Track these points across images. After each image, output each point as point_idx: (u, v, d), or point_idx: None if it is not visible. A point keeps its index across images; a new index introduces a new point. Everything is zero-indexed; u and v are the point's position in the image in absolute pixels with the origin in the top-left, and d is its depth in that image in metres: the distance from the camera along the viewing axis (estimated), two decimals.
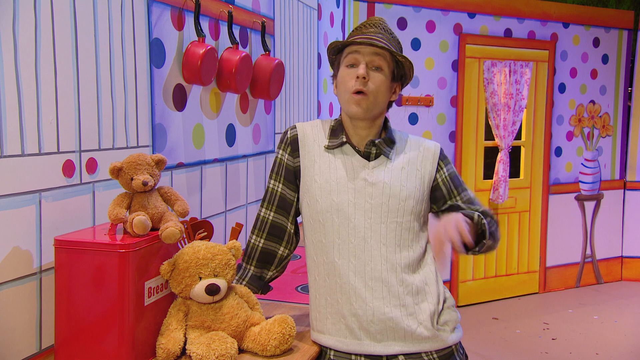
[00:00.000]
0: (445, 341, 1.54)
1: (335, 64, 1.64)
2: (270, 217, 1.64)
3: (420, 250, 1.58)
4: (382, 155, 1.58)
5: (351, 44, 1.56)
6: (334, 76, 1.64)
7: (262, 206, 1.67)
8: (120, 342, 1.35)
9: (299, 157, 1.61)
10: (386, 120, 1.65)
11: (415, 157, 1.61)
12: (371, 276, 1.50)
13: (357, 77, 1.52)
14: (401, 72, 1.59)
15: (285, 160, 1.63)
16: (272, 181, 1.65)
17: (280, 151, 1.65)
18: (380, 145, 1.58)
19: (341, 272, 1.52)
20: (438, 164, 1.63)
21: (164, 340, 1.41)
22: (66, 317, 1.37)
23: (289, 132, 1.65)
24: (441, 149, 1.67)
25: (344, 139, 1.58)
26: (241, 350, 1.48)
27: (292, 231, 1.66)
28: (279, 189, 1.64)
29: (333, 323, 1.53)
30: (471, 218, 1.55)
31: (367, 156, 1.58)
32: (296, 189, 1.63)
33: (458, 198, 1.64)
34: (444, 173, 1.64)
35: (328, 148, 1.59)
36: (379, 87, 1.54)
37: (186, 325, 1.45)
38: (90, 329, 1.36)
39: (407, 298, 1.51)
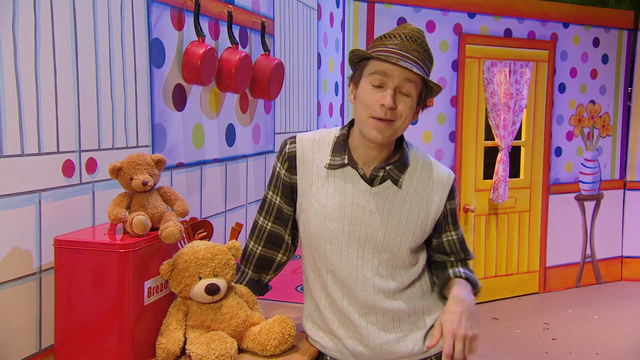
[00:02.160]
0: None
1: (357, 70, 1.46)
2: (268, 227, 1.59)
3: (416, 271, 1.53)
4: (388, 180, 1.46)
5: (380, 59, 1.38)
6: (354, 83, 1.47)
7: (259, 214, 1.61)
8: (120, 342, 1.35)
9: (296, 175, 1.52)
10: (401, 137, 1.52)
11: (424, 188, 1.49)
12: (364, 304, 1.47)
13: (383, 105, 1.37)
14: (428, 96, 1.45)
15: (283, 176, 1.54)
16: (270, 192, 1.58)
17: (279, 164, 1.55)
18: (390, 171, 1.46)
19: (335, 297, 1.49)
20: (447, 197, 1.52)
21: (163, 340, 1.41)
22: (66, 317, 1.37)
23: (287, 147, 1.53)
24: (454, 180, 1.54)
25: (346, 161, 1.47)
26: (241, 350, 1.48)
27: (289, 241, 1.61)
28: (277, 202, 1.56)
29: (330, 339, 1.53)
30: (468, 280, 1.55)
31: (371, 180, 1.46)
32: (293, 204, 1.56)
33: (451, 235, 1.57)
34: (447, 207, 1.53)
35: (329, 167, 1.48)
36: (406, 115, 1.40)
37: (186, 325, 1.45)
38: (90, 328, 1.36)
39: (402, 322, 1.49)
